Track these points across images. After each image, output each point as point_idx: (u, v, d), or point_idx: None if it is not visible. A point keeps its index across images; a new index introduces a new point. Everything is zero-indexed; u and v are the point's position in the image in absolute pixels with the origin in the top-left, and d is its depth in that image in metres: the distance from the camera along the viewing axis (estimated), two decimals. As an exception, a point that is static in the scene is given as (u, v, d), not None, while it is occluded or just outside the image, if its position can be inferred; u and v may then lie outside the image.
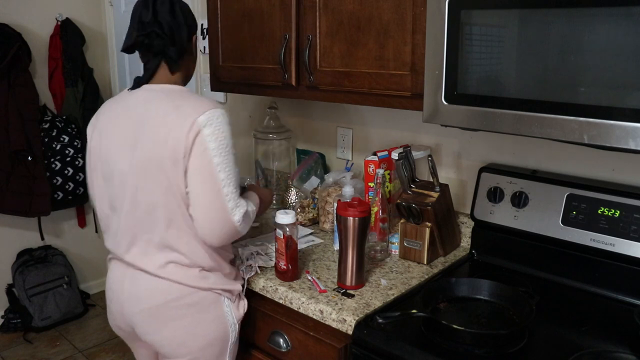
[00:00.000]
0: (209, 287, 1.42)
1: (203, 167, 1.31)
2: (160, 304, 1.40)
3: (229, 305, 1.46)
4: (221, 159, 1.32)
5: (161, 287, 1.39)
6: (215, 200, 1.32)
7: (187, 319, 1.41)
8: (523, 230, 1.55)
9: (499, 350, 1.17)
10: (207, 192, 1.32)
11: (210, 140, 1.30)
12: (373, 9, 1.49)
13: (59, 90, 3.15)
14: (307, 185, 2.02)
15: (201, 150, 1.30)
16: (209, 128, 1.30)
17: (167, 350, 1.44)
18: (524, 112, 1.18)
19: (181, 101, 1.35)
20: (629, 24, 1.02)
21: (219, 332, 1.45)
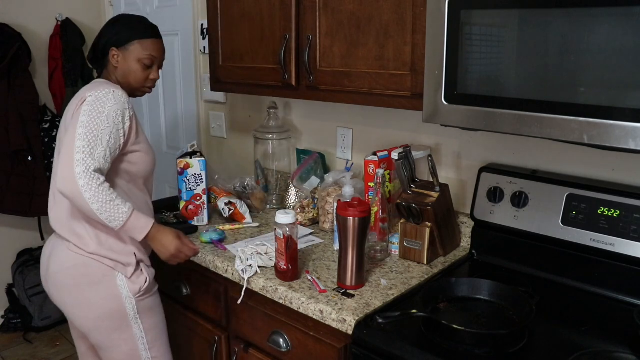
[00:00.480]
0: (99, 255, 1.53)
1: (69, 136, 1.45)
2: (60, 270, 1.56)
3: (122, 280, 1.55)
4: (84, 130, 1.43)
5: (64, 254, 1.56)
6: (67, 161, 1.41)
7: (82, 289, 1.54)
8: (523, 230, 1.55)
9: (499, 350, 1.17)
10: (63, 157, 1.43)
11: (84, 114, 1.45)
12: (373, 9, 1.49)
13: (59, 90, 3.15)
14: (307, 185, 2.01)
15: (75, 120, 1.46)
16: (89, 104, 1.47)
17: (71, 315, 1.60)
18: (524, 112, 1.18)
19: (91, 85, 1.58)
20: (629, 24, 1.02)
21: (111, 306, 1.55)
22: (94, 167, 1.41)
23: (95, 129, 1.44)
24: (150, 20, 1.69)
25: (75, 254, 1.54)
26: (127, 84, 1.64)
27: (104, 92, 1.49)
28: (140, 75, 1.65)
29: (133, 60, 1.62)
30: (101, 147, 1.44)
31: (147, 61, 1.64)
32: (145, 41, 1.64)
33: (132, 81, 1.64)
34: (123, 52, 1.62)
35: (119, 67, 1.63)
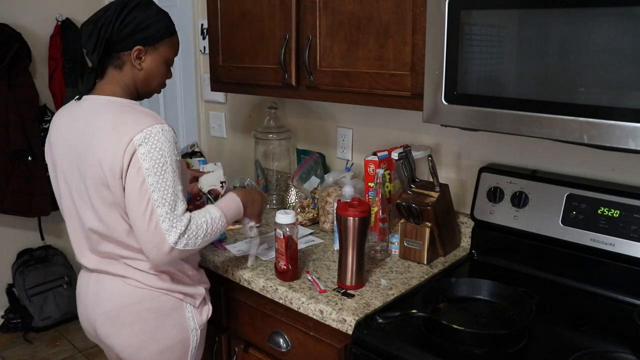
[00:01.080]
0: (169, 290, 1.40)
1: (136, 188, 1.26)
2: (120, 306, 1.39)
3: (191, 311, 1.45)
4: (155, 179, 1.26)
5: (122, 290, 1.39)
6: (149, 221, 1.26)
7: (147, 324, 1.39)
8: (523, 230, 1.55)
9: (499, 350, 1.17)
10: (140, 213, 1.26)
11: (144, 159, 1.25)
12: (373, 9, 1.49)
13: (59, 90, 3.15)
14: (307, 185, 2.01)
15: (135, 169, 1.25)
16: (144, 147, 1.25)
17: (126, 353, 1.42)
18: (524, 112, 1.18)
19: (120, 117, 1.30)
20: (629, 24, 1.02)
21: (179, 338, 1.44)
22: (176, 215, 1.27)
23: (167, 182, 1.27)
24: None
25: (141, 289, 1.38)
26: (145, 87, 1.42)
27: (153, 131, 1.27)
28: (165, 78, 1.45)
29: (161, 62, 1.41)
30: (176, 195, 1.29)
31: (172, 61, 1.45)
32: (174, 38, 1.43)
33: (154, 85, 1.43)
34: (151, 53, 1.38)
35: (143, 69, 1.38)
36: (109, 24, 1.31)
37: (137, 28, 1.34)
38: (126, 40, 1.34)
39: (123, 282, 1.39)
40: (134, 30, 1.33)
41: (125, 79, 1.38)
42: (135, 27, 1.33)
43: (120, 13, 1.32)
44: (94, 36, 1.32)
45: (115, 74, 1.38)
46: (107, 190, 1.29)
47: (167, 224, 1.26)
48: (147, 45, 1.36)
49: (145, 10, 1.35)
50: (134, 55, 1.36)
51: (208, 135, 2.72)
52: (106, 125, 1.29)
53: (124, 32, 1.33)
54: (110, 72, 1.38)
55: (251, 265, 1.61)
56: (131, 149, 1.25)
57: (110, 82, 1.38)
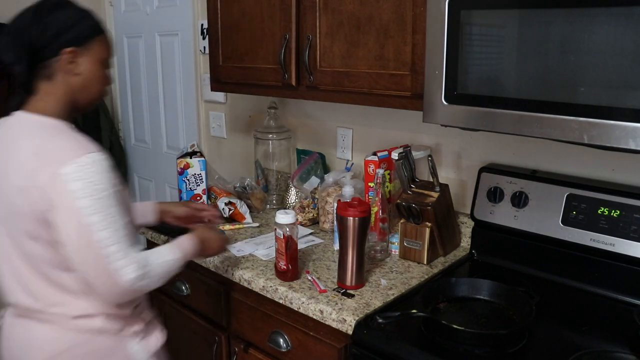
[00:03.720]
0: (102, 331, 1.24)
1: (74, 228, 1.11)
2: (52, 355, 1.22)
3: (137, 343, 1.29)
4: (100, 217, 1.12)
5: (51, 337, 1.23)
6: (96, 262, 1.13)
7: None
8: (523, 230, 1.55)
9: (499, 350, 1.17)
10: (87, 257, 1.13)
11: (80, 197, 1.10)
12: (373, 9, 1.49)
13: (59, 90, 3.15)
14: (307, 185, 2.01)
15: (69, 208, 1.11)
16: (76, 182, 1.10)
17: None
18: (524, 112, 1.18)
19: (47, 144, 1.14)
20: (629, 24, 1.02)
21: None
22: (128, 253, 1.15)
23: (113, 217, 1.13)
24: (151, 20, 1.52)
25: (70, 333, 1.22)
26: (85, 96, 1.24)
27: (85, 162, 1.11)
28: (104, 83, 1.27)
29: (98, 64, 1.23)
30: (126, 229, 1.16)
31: (109, 64, 1.28)
32: (105, 36, 1.26)
33: (94, 91, 1.25)
34: (85, 54, 1.20)
35: (80, 74, 1.21)
36: (26, 29, 1.15)
37: (61, 29, 1.17)
38: (52, 45, 1.17)
39: (50, 327, 1.22)
40: (58, 31, 1.17)
41: (59, 90, 1.20)
42: (59, 29, 1.17)
43: (40, 15, 1.16)
44: (10, 46, 1.15)
45: (46, 87, 1.20)
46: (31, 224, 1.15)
47: (121, 262, 1.13)
48: (77, 46, 1.19)
49: (65, 9, 1.19)
50: (65, 61, 1.18)
51: (208, 135, 2.72)
52: (29, 153, 1.14)
53: (46, 35, 1.16)
54: (41, 86, 1.20)
55: None
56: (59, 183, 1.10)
57: (43, 98, 1.20)
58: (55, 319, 1.22)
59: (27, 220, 1.15)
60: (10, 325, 1.29)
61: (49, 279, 1.20)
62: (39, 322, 1.23)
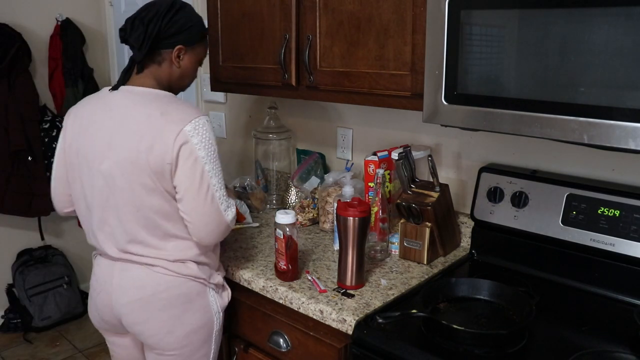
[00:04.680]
0: (195, 277, 1.45)
1: (195, 175, 1.34)
2: (149, 294, 1.42)
3: (213, 295, 1.51)
4: (211, 166, 1.36)
5: (150, 278, 1.42)
6: (210, 205, 1.37)
7: (175, 309, 1.44)
8: (523, 230, 1.55)
9: (499, 350, 1.17)
10: (202, 199, 1.35)
11: (199, 149, 1.33)
12: (373, 9, 1.49)
13: (59, 90, 3.15)
14: (307, 185, 2.01)
15: (191, 159, 1.33)
16: (196, 137, 1.33)
17: (154, 340, 1.46)
18: (524, 112, 1.18)
19: (166, 107, 1.36)
20: (629, 24, 1.02)
21: (204, 320, 1.49)
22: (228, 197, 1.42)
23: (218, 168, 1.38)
24: None
25: (169, 277, 1.42)
26: (179, 85, 1.51)
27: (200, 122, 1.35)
28: (194, 77, 1.54)
29: (196, 62, 1.51)
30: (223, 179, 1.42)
31: (202, 62, 1.53)
32: (206, 40, 1.53)
33: (186, 82, 1.53)
34: (189, 52, 1.47)
35: (181, 67, 1.46)
36: (157, 21, 1.38)
37: (182, 28, 1.42)
38: (171, 39, 1.41)
39: (151, 270, 1.42)
40: (179, 30, 1.41)
41: (162, 74, 1.44)
42: (180, 27, 1.41)
43: (168, 12, 1.39)
44: (140, 32, 1.38)
45: (153, 69, 1.44)
46: (150, 177, 1.33)
47: (225, 205, 1.40)
48: (187, 45, 1.45)
49: (188, 13, 1.44)
50: (175, 54, 1.43)
51: (208, 135, 2.72)
52: (154, 114, 1.34)
53: (170, 30, 1.40)
54: (150, 67, 1.43)
55: None
56: (182, 138, 1.32)
57: (147, 76, 1.43)
58: (156, 262, 1.42)
59: (147, 174, 1.33)
60: (105, 267, 1.48)
61: (157, 227, 1.39)
62: (139, 265, 1.43)
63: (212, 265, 1.51)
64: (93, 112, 1.43)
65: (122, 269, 1.44)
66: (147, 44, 1.38)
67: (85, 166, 1.41)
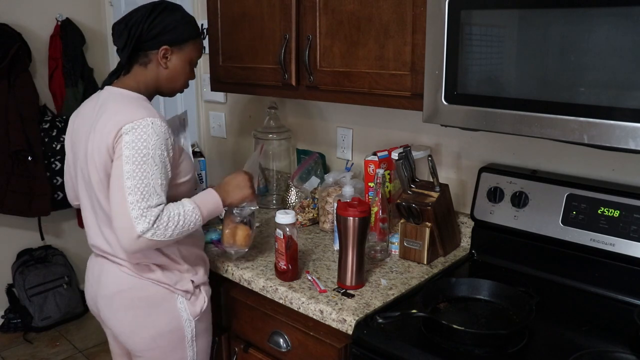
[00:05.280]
0: (159, 282, 1.45)
1: (116, 172, 1.32)
2: (115, 292, 1.46)
3: (182, 302, 1.48)
4: (132, 167, 1.30)
5: (117, 276, 1.46)
6: (120, 206, 1.30)
7: (139, 311, 1.46)
8: (523, 230, 1.55)
9: (499, 350, 1.17)
10: (114, 198, 1.32)
11: (127, 147, 1.31)
12: (373, 9, 1.49)
13: (59, 90, 3.15)
14: (307, 185, 2.01)
15: (117, 155, 1.32)
16: (130, 135, 1.31)
17: (122, 338, 1.50)
18: (524, 112, 1.18)
19: (122, 106, 1.38)
20: (628, 24, 1.02)
21: (170, 327, 1.48)
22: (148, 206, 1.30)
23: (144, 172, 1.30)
24: None
25: (132, 277, 1.44)
26: (169, 86, 1.50)
27: (142, 123, 1.32)
28: (188, 78, 1.52)
29: (186, 62, 1.48)
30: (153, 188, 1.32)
31: (196, 63, 1.52)
32: (199, 40, 1.51)
33: (179, 84, 1.51)
34: (177, 53, 1.46)
35: (169, 68, 1.46)
36: (138, 24, 1.40)
37: (165, 29, 1.42)
38: (154, 40, 1.42)
39: (118, 268, 1.45)
40: (163, 30, 1.42)
41: (148, 76, 1.46)
42: (164, 28, 1.42)
43: (151, 14, 1.41)
44: (124, 35, 1.41)
45: (139, 71, 1.46)
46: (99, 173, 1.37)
47: (137, 212, 1.29)
48: (173, 46, 1.44)
49: (172, 14, 1.44)
50: (160, 54, 1.44)
51: (208, 135, 2.72)
52: (108, 112, 1.37)
53: (152, 32, 1.41)
54: (136, 69, 1.46)
55: None
56: (119, 135, 1.32)
57: (130, 78, 1.47)
58: (122, 262, 1.44)
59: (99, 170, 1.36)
60: (91, 261, 1.56)
61: None
62: (111, 263, 1.47)
63: (181, 270, 1.48)
64: (82, 111, 1.51)
65: (100, 263, 1.50)
66: (129, 46, 1.41)
67: (77, 165, 1.48)
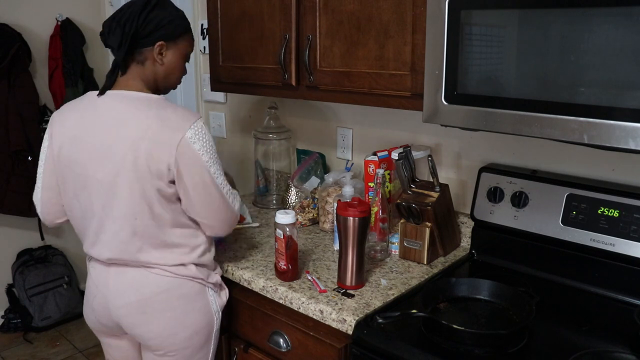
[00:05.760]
0: (194, 277, 1.46)
1: (203, 179, 1.37)
2: (149, 295, 1.43)
3: (212, 295, 1.52)
4: (215, 167, 1.40)
5: (148, 280, 1.43)
6: (221, 203, 1.43)
7: (177, 310, 1.45)
8: (523, 230, 1.55)
9: (499, 350, 1.17)
10: (213, 199, 1.41)
11: (203, 154, 1.36)
12: (373, 9, 1.49)
13: (59, 90, 3.15)
14: (307, 185, 2.01)
15: (196, 164, 1.35)
16: (198, 142, 1.34)
17: (156, 342, 1.46)
18: (524, 112, 1.18)
19: (163, 112, 1.35)
20: (629, 24, 1.02)
21: (205, 321, 1.50)
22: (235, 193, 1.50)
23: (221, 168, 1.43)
24: None
25: (168, 278, 1.43)
26: (165, 82, 1.47)
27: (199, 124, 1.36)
28: (182, 74, 1.50)
29: (180, 57, 1.46)
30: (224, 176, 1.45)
31: (189, 57, 1.50)
32: (191, 34, 1.49)
33: (173, 80, 1.49)
34: (172, 48, 1.43)
35: (165, 64, 1.43)
36: (132, 21, 1.36)
37: (160, 24, 1.39)
38: (150, 36, 1.39)
39: (149, 272, 1.43)
40: (157, 26, 1.39)
41: (147, 73, 1.42)
42: (158, 23, 1.39)
43: (144, 10, 1.37)
44: (117, 33, 1.36)
45: (137, 70, 1.41)
46: (150, 184, 1.34)
47: (231, 198, 1.46)
48: (168, 41, 1.42)
49: (165, 9, 1.41)
50: (156, 51, 1.40)
51: (208, 135, 2.72)
52: (152, 120, 1.33)
53: (147, 28, 1.38)
54: (133, 68, 1.41)
55: None
56: (184, 144, 1.32)
57: (133, 78, 1.41)
58: (153, 265, 1.43)
59: (146, 181, 1.33)
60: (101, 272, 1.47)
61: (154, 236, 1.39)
62: (135, 269, 1.43)
63: (209, 266, 1.53)
64: (82, 118, 1.39)
65: (118, 272, 1.44)
66: (125, 43, 1.36)
67: (80, 175, 1.38)
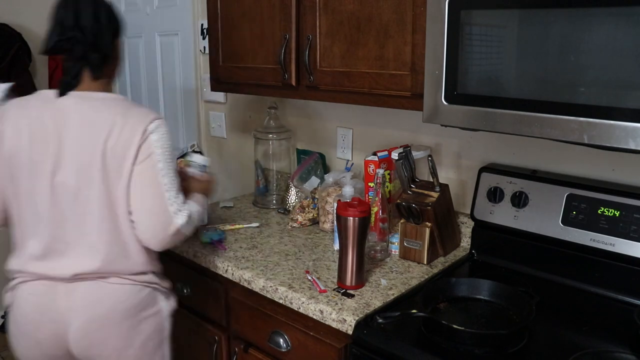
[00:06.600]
0: (150, 283, 1.46)
1: (147, 172, 1.33)
2: (106, 309, 1.37)
3: (163, 300, 1.51)
4: (164, 164, 1.35)
5: (106, 291, 1.38)
6: (158, 203, 1.34)
7: (132, 319, 1.41)
8: (523, 230, 1.55)
9: (499, 350, 1.17)
10: (149, 195, 1.34)
11: (156, 147, 1.34)
12: (373, 9, 1.49)
13: (59, 90, 3.15)
14: (307, 185, 2.01)
15: (146, 155, 1.33)
16: (155, 135, 1.34)
17: (113, 357, 1.40)
18: (524, 112, 1.18)
19: (126, 110, 1.35)
20: (628, 24, 1.02)
21: (155, 325, 1.48)
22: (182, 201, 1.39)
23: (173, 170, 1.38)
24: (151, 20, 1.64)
25: (127, 285, 1.40)
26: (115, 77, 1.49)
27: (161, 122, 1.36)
28: None
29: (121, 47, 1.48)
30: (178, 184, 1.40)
31: None
32: None
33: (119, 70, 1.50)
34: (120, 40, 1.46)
35: (118, 58, 1.45)
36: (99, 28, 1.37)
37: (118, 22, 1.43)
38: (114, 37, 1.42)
39: (105, 282, 1.38)
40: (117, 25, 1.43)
41: (111, 70, 1.44)
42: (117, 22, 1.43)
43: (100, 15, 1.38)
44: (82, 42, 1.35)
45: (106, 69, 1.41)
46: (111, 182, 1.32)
47: (175, 207, 1.36)
48: (120, 36, 1.45)
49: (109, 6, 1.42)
50: (117, 47, 1.44)
51: (208, 135, 2.72)
52: (117, 118, 1.33)
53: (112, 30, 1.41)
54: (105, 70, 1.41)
55: None
56: (143, 136, 1.32)
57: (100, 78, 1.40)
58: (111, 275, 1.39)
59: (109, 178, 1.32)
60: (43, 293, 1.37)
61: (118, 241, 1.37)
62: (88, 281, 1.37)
63: (158, 272, 1.51)
64: (39, 118, 1.33)
65: (68, 290, 1.36)
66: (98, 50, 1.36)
67: (35, 178, 1.32)
